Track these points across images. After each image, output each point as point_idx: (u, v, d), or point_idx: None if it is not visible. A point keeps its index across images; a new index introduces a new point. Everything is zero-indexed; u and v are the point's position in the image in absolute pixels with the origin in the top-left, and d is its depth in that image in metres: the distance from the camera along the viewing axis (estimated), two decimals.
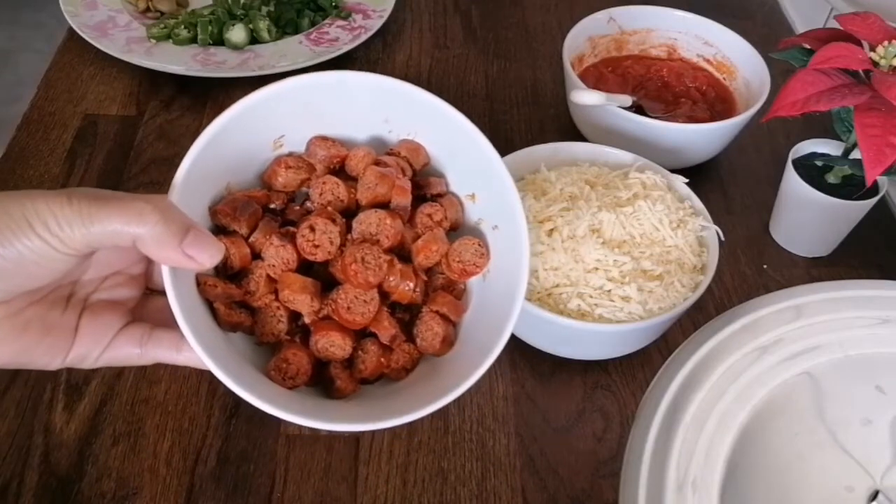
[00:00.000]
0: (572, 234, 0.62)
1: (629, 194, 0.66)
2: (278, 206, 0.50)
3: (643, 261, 0.62)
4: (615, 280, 0.61)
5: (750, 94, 0.82)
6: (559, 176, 0.68)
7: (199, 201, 0.47)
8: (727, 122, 0.76)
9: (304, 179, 0.50)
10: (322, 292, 0.47)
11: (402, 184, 0.49)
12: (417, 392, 0.47)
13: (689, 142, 0.77)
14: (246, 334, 0.48)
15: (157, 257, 0.40)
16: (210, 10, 0.91)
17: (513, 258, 0.48)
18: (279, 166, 0.50)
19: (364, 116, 0.51)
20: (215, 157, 0.46)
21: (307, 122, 0.50)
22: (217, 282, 0.46)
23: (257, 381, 0.45)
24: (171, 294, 0.41)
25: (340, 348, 0.47)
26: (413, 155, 0.51)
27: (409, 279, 0.48)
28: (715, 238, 0.64)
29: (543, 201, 0.65)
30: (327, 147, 0.50)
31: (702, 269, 0.64)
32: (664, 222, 0.64)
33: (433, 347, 0.48)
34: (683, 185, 0.68)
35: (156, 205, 0.39)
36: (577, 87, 0.77)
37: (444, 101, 0.48)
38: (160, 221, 0.39)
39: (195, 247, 0.40)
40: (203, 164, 0.45)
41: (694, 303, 0.60)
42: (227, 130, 0.46)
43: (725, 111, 0.83)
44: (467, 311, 0.50)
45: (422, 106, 0.48)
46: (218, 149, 0.46)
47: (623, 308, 0.59)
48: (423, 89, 0.48)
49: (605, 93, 0.75)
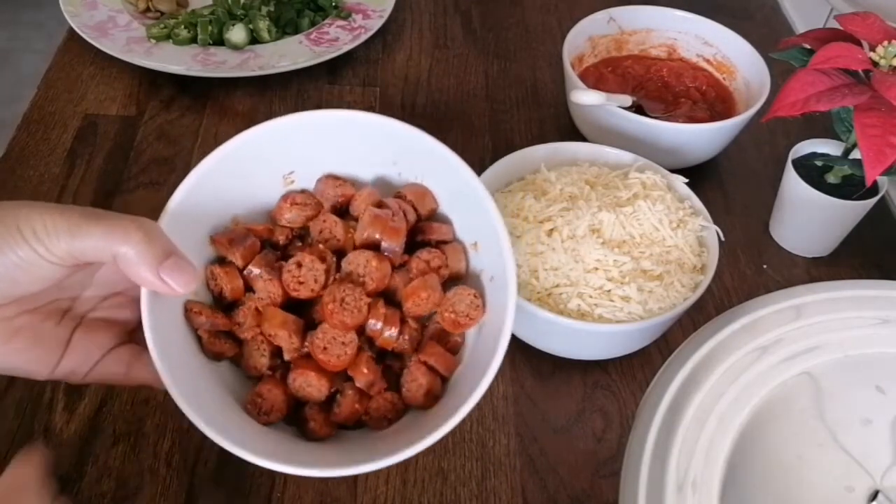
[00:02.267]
0: (572, 234, 0.62)
1: (629, 194, 0.66)
2: (281, 242, 0.49)
3: (643, 261, 0.62)
4: (615, 280, 0.61)
5: (750, 94, 0.82)
6: (559, 176, 0.68)
7: (197, 230, 0.47)
8: (727, 122, 0.76)
9: (309, 216, 0.50)
10: (308, 330, 0.47)
11: (395, 225, 0.48)
12: (387, 440, 0.45)
13: (689, 142, 0.77)
14: (235, 365, 0.48)
15: (134, 277, 0.41)
16: (210, 10, 0.91)
17: (500, 312, 0.46)
18: (286, 202, 0.49)
19: (374, 157, 0.51)
20: (217, 187, 0.46)
21: (318, 159, 0.50)
22: (203, 309, 0.46)
23: (230, 415, 0.45)
24: (145, 318, 0.42)
25: (317, 389, 0.46)
26: (419, 199, 0.50)
27: (393, 325, 0.46)
28: (715, 238, 0.64)
29: (543, 201, 0.65)
30: (335, 186, 0.50)
31: (702, 269, 0.64)
32: (664, 222, 0.64)
33: (416, 399, 0.46)
34: (683, 185, 0.68)
35: (141, 225, 0.40)
36: (577, 87, 0.77)
37: (445, 147, 0.47)
38: (142, 242, 0.39)
39: (171, 272, 0.40)
40: (202, 192, 0.46)
41: (694, 303, 0.60)
42: (231, 162, 0.46)
43: (725, 111, 0.83)
44: (461, 366, 0.48)
45: (426, 150, 0.48)
46: (220, 179, 0.46)
47: (623, 308, 0.59)
48: (428, 134, 0.47)
49: (605, 93, 0.75)
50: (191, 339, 0.46)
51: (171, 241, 0.41)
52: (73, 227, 0.39)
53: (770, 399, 0.44)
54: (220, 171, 0.46)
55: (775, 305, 0.48)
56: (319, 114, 0.47)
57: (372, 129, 0.48)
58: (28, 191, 0.75)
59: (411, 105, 0.88)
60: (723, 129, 0.76)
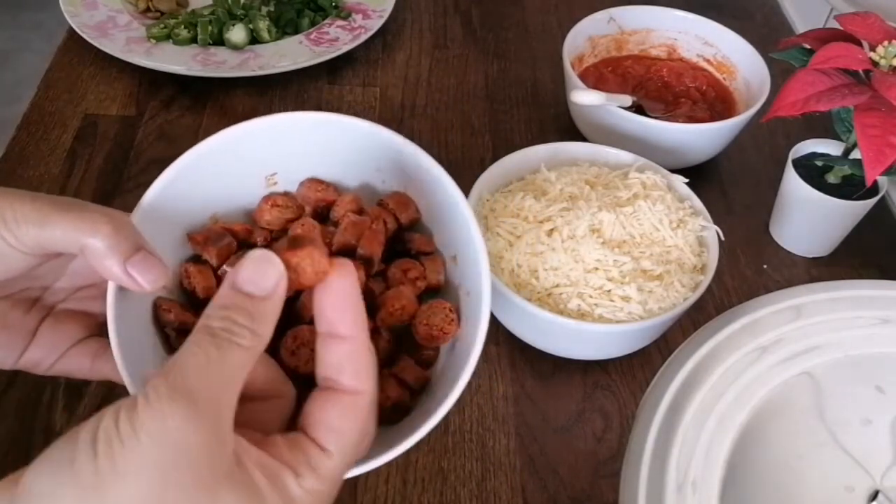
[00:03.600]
0: (572, 234, 0.62)
1: (629, 194, 0.66)
2: (259, 243, 0.48)
3: (643, 261, 0.62)
4: (615, 280, 0.61)
5: (750, 94, 0.82)
6: (559, 176, 0.68)
7: (174, 226, 0.46)
8: (727, 122, 0.76)
9: (289, 219, 0.49)
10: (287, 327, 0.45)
11: (374, 233, 0.47)
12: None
13: (689, 142, 0.77)
14: None
15: (101, 270, 0.40)
16: (210, 10, 0.91)
17: (473, 328, 0.44)
18: (266, 203, 0.49)
19: (358, 162, 0.49)
20: (195, 184, 0.46)
21: (302, 161, 0.49)
22: (172, 306, 0.45)
23: None
24: (110, 311, 0.41)
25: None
26: (401, 208, 0.49)
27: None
28: (715, 238, 0.64)
29: (543, 201, 0.65)
30: (317, 190, 0.49)
31: (702, 269, 0.64)
32: (664, 222, 0.64)
33: (383, 414, 0.44)
34: (683, 185, 0.68)
35: (112, 218, 0.39)
36: (577, 87, 0.77)
37: (430, 158, 0.46)
38: (110, 235, 0.39)
39: (139, 267, 0.39)
40: (179, 188, 0.45)
41: (694, 303, 0.60)
42: (210, 159, 0.45)
43: (725, 111, 0.83)
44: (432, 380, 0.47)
45: (411, 160, 0.47)
46: (199, 176, 0.45)
47: (623, 308, 0.59)
48: (413, 144, 0.46)
49: (605, 93, 0.75)
50: (157, 337, 0.45)
51: (141, 236, 0.40)
52: (42, 216, 0.38)
53: (770, 399, 0.44)
54: (200, 167, 0.45)
55: (775, 305, 0.48)
56: (302, 115, 0.46)
57: (357, 134, 0.47)
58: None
59: (411, 105, 0.88)
60: (723, 129, 0.76)
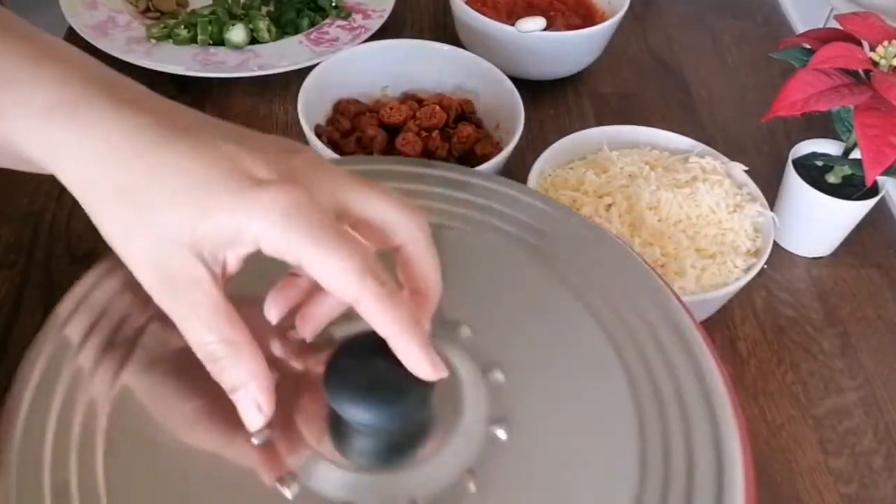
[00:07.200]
0: (630, 210, 0.65)
1: (688, 177, 0.68)
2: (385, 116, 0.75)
3: (699, 240, 0.64)
4: (669, 255, 0.63)
5: (611, 3, 0.88)
6: (620, 156, 0.71)
7: (324, 99, 0.76)
8: (600, 26, 0.83)
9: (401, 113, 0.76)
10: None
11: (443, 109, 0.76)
12: None
13: (565, 51, 0.84)
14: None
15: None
16: (210, 10, 0.91)
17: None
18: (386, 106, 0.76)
19: (440, 79, 0.79)
20: (330, 82, 0.76)
21: (403, 79, 0.79)
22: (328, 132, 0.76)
23: None
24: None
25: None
26: (466, 104, 0.77)
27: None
28: (771, 224, 0.66)
29: (604, 178, 0.68)
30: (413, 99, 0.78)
31: (755, 253, 0.66)
32: (721, 205, 0.66)
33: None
34: (742, 172, 0.70)
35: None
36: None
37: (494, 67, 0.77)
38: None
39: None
40: (323, 79, 0.75)
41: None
42: (343, 66, 0.77)
43: (589, 16, 0.90)
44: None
45: (482, 73, 0.78)
46: (333, 77, 0.76)
47: (675, 282, 0.61)
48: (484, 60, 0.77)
49: (540, 18, 0.82)
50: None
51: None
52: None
53: None
54: (333, 69, 0.75)
55: None
56: (407, 42, 0.79)
57: (444, 57, 0.78)
58: (28, 191, 0.75)
59: None
60: (596, 34, 0.83)
